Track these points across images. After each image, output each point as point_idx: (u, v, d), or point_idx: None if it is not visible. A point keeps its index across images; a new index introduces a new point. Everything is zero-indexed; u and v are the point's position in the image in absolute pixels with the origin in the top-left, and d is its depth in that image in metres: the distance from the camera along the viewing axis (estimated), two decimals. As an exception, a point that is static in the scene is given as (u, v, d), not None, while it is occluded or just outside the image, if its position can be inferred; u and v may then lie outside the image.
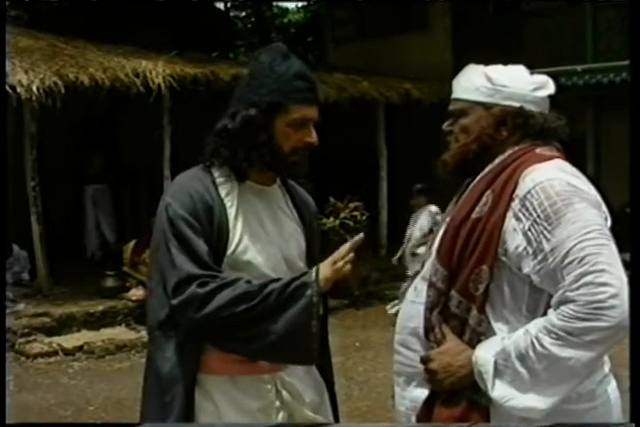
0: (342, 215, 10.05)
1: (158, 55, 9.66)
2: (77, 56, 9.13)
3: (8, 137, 4.62)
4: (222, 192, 2.31)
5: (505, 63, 2.29)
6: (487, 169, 2.15)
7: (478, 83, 2.19)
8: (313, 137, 2.32)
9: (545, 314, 1.99)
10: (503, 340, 2.00)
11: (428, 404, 2.11)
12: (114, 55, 9.42)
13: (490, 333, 2.05)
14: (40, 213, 8.66)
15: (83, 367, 7.13)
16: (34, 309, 8.14)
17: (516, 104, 2.16)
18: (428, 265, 2.22)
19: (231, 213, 2.30)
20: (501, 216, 2.02)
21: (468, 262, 2.05)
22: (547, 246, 1.96)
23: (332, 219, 10.00)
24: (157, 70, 9.00)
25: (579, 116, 12.21)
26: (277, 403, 2.35)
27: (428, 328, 2.12)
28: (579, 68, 11.70)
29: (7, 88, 7.73)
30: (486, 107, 2.17)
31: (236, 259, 2.28)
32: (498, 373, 1.98)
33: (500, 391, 1.97)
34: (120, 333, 7.98)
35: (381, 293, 9.94)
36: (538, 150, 2.14)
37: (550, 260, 1.95)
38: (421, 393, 2.14)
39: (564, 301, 1.92)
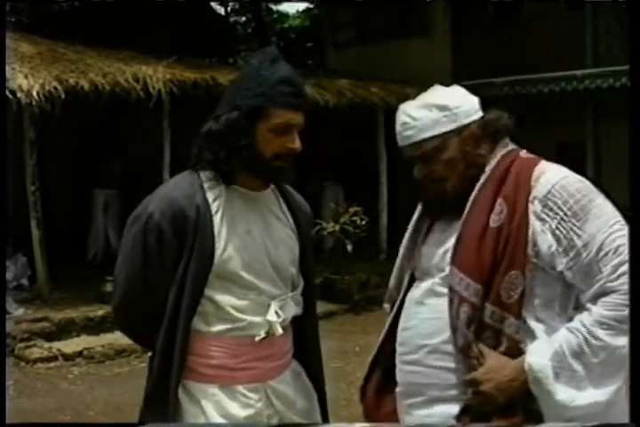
0: (342, 220, 10.05)
1: (158, 60, 9.67)
2: (77, 61, 9.13)
3: (8, 142, 4.61)
4: (210, 197, 2.28)
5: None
6: (483, 179, 2.14)
7: (434, 116, 2.14)
8: (296, 143, 2.26)
9: (575, 307, 2.05)
10: (549, 342, 2.01)
11: (462, 418, 2.08)
12: (114, 60, 9.43)
13: (527, 338, 2.04)
14: (40, 218, 8.66)
15: (82, 372, 7.11)
16: (33, 314, 8.13)
17: (476, 116, 2.17)
18: (433, 280, 2.18)
19: (216, 219, 2.27)
20: (523, 220, 2.04)
21: (498, 272, 2.04)
22: (579, 242, 2.01)
23: (332, 224, 10.00)
24: (157, 75, 9.02)
25: (579, 121, 12.24)
26: (268, 412, 2.33)
27: (466, 345, 2.07)
28: (578, 73, 11.73)
29: (7, 93, 7.73)
30: (457, 132, 2.14)
31: (222, 267, 2.25)
32: (555, 376, 1.99)
33: (564, 394, 1.98)
34: (120, 338, 7.85)
35: (381, 297, 9.83)
36: (522, 154, 2.18)
37: (584, 255, 2.00)
38: (450, 409, 2.10)
39: (605, 292, 1.99)
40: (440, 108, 2.14)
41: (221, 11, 21.82)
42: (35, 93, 7.98)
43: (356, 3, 14.67)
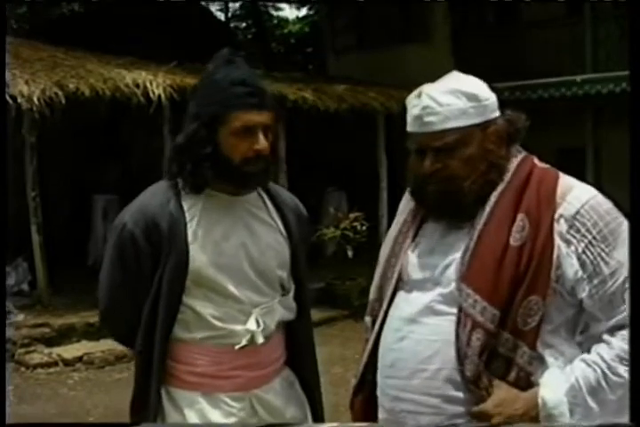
0: (343, 226, 10.04)
1: (158, 66, 9.68)
2: (78, 67, 9.14)
3: (8, 147, 4.62)
4: (185, 205, 2.26)
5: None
6: (501, 187, 1.94)
7: (462, 104, 1.91)
8: (261, 143, 2.17)
9: (582, 332, 1.92)
10: (564, 375, 1.87)
11: None
12: (114, 66, 9.44)
13: (537, 367, 1.89)
14: (40, 224, 8.66)
15: (82, 378, 7.10)
16: (34, 319, 8.12)
17: (498, 113, 1.97)
18: (431, 297, 1.96)
19: (191, 226, 2.24)
20: (548, 240, 1.86)
21: (516, 296, 1.86)
22: (606, 270, 1.86)
23: (332, 229, 9.99)
24: (157, 81, 9.02)
25: (578, 127, 12.25)
26: (252, 421, 2.32)
27: (476, 374, 1.88)
28: (578, 78, 11.74)
29: (8, 98, 7.74)
30: (482, 127, 1.93)
31: (197, 274, 2.23)
32: (570, 413, 1.85)
33: None
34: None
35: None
36: (536, 161, 2.01)
37: (610, 283, 1.86)
38: None
39: (626, 324, 1.84)
40: (468, 98, 1.91)
41: (222, 16, 21.88)
42: (35, 99, 7.99)
43: (356, 8, 14.70)
